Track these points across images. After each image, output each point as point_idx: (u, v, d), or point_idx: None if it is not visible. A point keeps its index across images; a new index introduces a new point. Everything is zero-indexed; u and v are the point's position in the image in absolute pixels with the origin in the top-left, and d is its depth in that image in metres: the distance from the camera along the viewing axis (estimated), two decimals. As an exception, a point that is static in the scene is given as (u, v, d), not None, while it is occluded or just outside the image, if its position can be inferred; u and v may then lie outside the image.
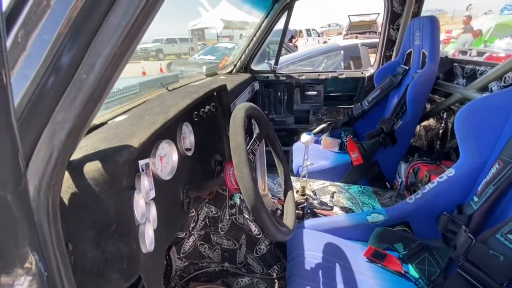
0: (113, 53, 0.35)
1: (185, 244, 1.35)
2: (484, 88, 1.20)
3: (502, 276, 0.69)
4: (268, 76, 2.30)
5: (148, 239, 0.54)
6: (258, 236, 1.32)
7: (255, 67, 2.40)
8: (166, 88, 1.27)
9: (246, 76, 2.07)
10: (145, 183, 0.59)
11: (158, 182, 0.69)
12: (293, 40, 10.07)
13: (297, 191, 1.41)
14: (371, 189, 1.53)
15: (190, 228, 1.34)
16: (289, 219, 0.80)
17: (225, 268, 1.35)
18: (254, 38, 2.05)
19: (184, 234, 1.33)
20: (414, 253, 0.98)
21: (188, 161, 0.87)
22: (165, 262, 1.08)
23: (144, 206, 0.55)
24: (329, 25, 19.45)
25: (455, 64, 1.47)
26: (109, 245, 0.42)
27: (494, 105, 0.85)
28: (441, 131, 1.61)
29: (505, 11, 8.09)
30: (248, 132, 1.17)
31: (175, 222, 0.80)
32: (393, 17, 1.94)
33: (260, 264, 1.33)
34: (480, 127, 0.88)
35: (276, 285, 1.27)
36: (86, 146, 0.50)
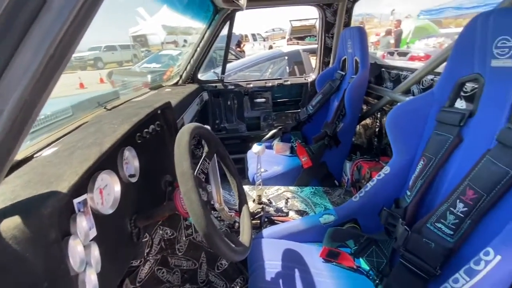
0: (39, 71, 0.30)
1: (141, 272, 1.26)
2: (407, 91, 1.37)
3: (435, 260, 0.78)
4: (216, 86, 2.29)
5: (90, 286, 0.49)
6: (218, 252, 1.30)
7: (202, 76, 2.37)
8: (105, 108, 1.18)
9: (194, 87, 2.03)
10: (83, 224, 0.54)
11: (99, 218, 0.63)
12: (241, 45, 10.20)
13: (253, 200, 1.42)
14: (322, 189, 1.62)
15: (145, 254, 1.26)
16: (245, 236, 0.80)
17: (186, 290, 1.30)
18: (198, 49, 2.02)
19: (138, 261, 1.25)
20: (363, 248, 1.06)
21: (133, 189, 0.82)
22: (118, 297, 0.99)
23: (82, 252, 0.50)
24: (273, 30, 20.14)
25: (383, 69, 1.64)
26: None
27: (415, 108, 0.97)
28: (377, 129, 1.78)
29: (421, 16, 9.34)
30: (198, 149, 1.14)
31: (125, 256, 0.74)
32: (327, 27, 2.10)
33: (223, 280, 1.31)
34: (406, 128, 0.99)
35: (241, 298, 1.26)
36: (4, 194, 0.43)
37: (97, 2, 0.34)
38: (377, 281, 0.96)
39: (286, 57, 3.67)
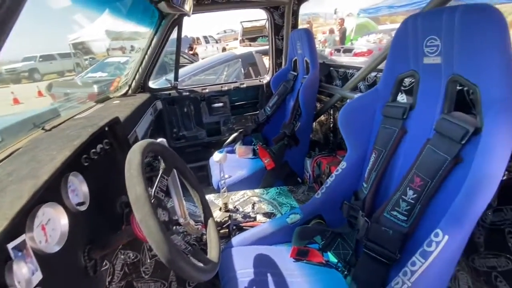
0: None
1: (104, 304, 1.16)
2: (355, 88, 1.45)
3: (394, 246, 0.84)
4: (170, 93, 2.20)
5: None
6: (188, 267, 1.24)
7: (154, 84, 2.26)
8: (43, 129, 1.06)
9: (145, 96, 1.92)
10: (23, 271, 0.47)
11: (44, 258, 0.56)
12: (193, 48, 9.97)
13: (220, 209, 1.40)
14: (286, 188, 1.65)
15: (107, 283, 1.16)
16: (213, 251, 0.77)
17: (157, 313, 1.22)
18: (147, 56, 1.92)
19: (99, 292, 1.14)
20: (329, 242, 1.10)
21: (84, 217, 0.74)
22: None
23: (23, 304, 0.43)
24: (225, 31, 20.09)
25: (332, 68, 1.72)
26: None
27: (362, 105, 1.03)
28: (331, 125, 1.87)
29: (361, 14, 10.05)
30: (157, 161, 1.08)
31: (80, 294, 0.67)
32: (276, 29, 2.14)
33: (195, 296, 1.26)
34: (356, 124, 1.05)
35: (216, 312, 1.23)
36: None
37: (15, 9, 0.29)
38: (345, 272, 1.00)
39: (240, 59, 3.68)
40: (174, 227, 1.25)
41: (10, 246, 0.47)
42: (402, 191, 0.84)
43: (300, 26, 2.10)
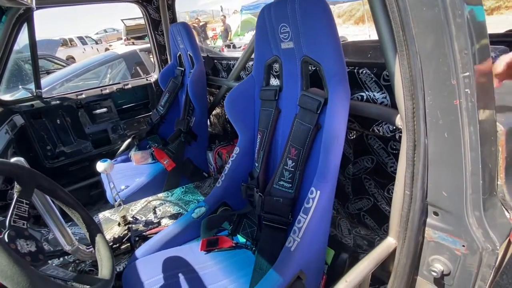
0: None
1: None
2: (238, 78, 1.54)
3: (286, 211, 0.95)
4: (33, 104, 1.81)
5: None
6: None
7: (8, 96, 1.81)
8: None
9: (-6, 112, 1.53)
10: None
11: None
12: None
13: (118, 224, 1.26)
14: (192, 185, 1.62)
15: None
16: (104, 269, 0.69)
17: None
18: (-13, 60, 1.52)
19: None
20: (237, 225, 1.15)
21: None
22: None
23: None
24: (105, 31, 17.87)
25: (216, 61, 1.77)
26: None
27: (242, 91, 1.10)
28: (226, 116, 1.93)
29: (244, 11, 10.66)
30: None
31: None
32: (154, 24, 2.04)
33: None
34: (241, 111, 1.12)
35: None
36: None
37: None
38: (254, 248, 1.07)
39: (123, 59, 3.34)
40: (54, 259, 1.06)
41: None
42: (284, 163, 0.94)
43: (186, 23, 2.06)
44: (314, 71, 0.98)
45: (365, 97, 0.89)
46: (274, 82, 1.16)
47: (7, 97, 1.80)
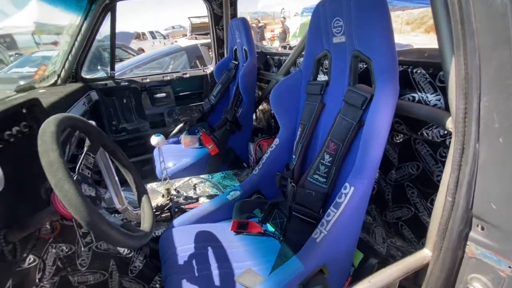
0: None
1: (35, 302, 1.08)
2: (287, 73, 1.56)
3: (317, 205, 0.95)
4: (106, 84, 2.09)
5: None
6: (130, 255, 1.22)
7: (88, 75, 2.11)
8: None
9: (77, 86, 1.80)
10: None
11: None
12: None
13: (162, 195, 1.39)
14: (231, 172, 1.70)
15: (37, 280, 1.08)
16: (146, 223, 0.79)
17: (98, 305, 1.18)
18: (76, 43, 1.79)
19: (28, 291, 1.06)
20: (268, 213, 1.18)
21: (-2, 200, 0.69)
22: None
23: None
24: (173, 27, 19.40)
25: (268, 56, 1.82)
26: None
27: (289, 85, 1.12)
28: (272, 111, 1.97)
29: (305, 13, 10.59)
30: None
31: (-4, 279, 0.63)
32: (216, 19, 2.17)
33: (140, 283, 1.24)
34: (285, 103, 1.14)
35: (161, 294, 1.23)
36: None
37: None
38: (281, 238, 1.09)
39: (186, 52, 3.62)
40: (114, 214, 1.21)
41: None
42: (321, 157, 0.95)
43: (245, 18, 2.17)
44: (363, 70, 0.96)
45: (417, 99, 0.85)
46: (321, 78, 1.16)
47: (87, 75, 2.10)
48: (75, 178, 0.71)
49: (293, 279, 0.78)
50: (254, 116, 2.13)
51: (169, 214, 1.25)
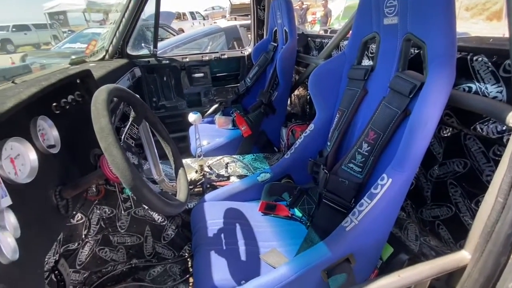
0: None
1: (80, 255, 1.21)
2: (329, 56, 1.50)
3: (349, 195, 0.93)
4: (149, 61, 2.17)
5: (6, 248, 0.47)
6: (163, 223, 1.31)
7: (133, 52, 2.21)
8: (13, 82, 1.05)
9: (123, 61, 1.90)
10: (-10, 190, 0.50)
11: (14, 187, 0.59)
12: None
13: (196, 171, 1.45)
14: (262, 155, 1.71)
15: (83, 236, 1.21)
16: (181, 194, 0.83)
17: (133, 265, 1.29)
18: (124, 20, 1.88)
19: (76, 244, 1.19)
20: (296, 198, 1.18)
21: (55, 160, 0.77)
22: (55, 279, 0.95)
23: (-8, 214, 0.47)
24: (213, 8, 19.40)
25: (309, 39, 1.75)
26: None
27: (330, 68, 1.08)
28: (308, 97, 1.92)
29: (350, -4, 9.97)
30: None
31: (51, 228, 0.71)
32: (258, -1, 2.13)
33: (171, 249, 1.34)
34: (325, 87, 1.11)
35: (189, 263, 1.31)
36: None
37: None
38: (308, 224, 1.09)
39: (224, 33, 3.62)
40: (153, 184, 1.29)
41: (-23, 167, 0.51)
42: (358, 145, 0.91)
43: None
44: (413, 56, 0.89)
45: (473, 89, 0.77)
46: (365, 63, 1.10)
47: (132, 52, 2.20)
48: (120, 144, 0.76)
49: (318, 264, 0.78)
50: (288, 101, 2.10)
51: (201, 189, 1.30)
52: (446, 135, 0.91)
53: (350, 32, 1.08)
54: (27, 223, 0.59)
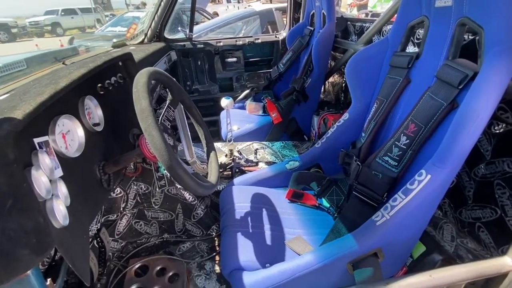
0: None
1: (119, 226, 1.32)
2: (369, 42, 1.41)
3: (382, 189, 0.89)
4: (184, 45, 2.21)
5: (59, 214, 0.52)
6: (194, 203, 1.37)
7: (169, 35, 2.27)
8: (63, 63, 1.14)
9: (160, 45, 1.95)
10: (46, 161, 0.56)
11: (65, 160, 0.65)
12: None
13: (226, 155, 1.48)
14: (291, 143, 1.70)
15: (121, 209, 1.31)
16: (212, 176, 0.86)
17: (165, 239, 1.38)
18: (162, 4, 1.91)
19: (115, 215, 1.29)
20: (325, 188, 1.17)
21: (99, 137, 0.83)
22: (97, 245, 1.04)
23: (47, 183, 0.52)
24: (248, -10, 19.04)
25: (349, 23, 1.66)
26: (9, 222, 0.41)
27: (371, 55, 1.02)
28: (343, 84, 1.84)
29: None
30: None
31: (95, 200, 0.77)
32: (297, -20, 2.04)
33: (199, 228, 1.40)
34: (363, 75, 1.05)
35: (216, 242, 1.37)
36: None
37: None
38: (335, 215, 1.07)
39: (259, 16, 3.56)
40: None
41: (36, 140, 0.56)
42: (396, 138, 0.86)
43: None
44: (467, 43, 0.81)
45: (536, 82, 0.69)
46: (410, 49, 1.02)
47: (169, 36, 2.25)
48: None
49: (345, 255, 0.77)
50: (322, 88, 2.03)
51: (230, 172, 1.33)
52: (497, 131, 0.83)
53: (395, 16, 1.00)
54: (75, 194, 0.65)
